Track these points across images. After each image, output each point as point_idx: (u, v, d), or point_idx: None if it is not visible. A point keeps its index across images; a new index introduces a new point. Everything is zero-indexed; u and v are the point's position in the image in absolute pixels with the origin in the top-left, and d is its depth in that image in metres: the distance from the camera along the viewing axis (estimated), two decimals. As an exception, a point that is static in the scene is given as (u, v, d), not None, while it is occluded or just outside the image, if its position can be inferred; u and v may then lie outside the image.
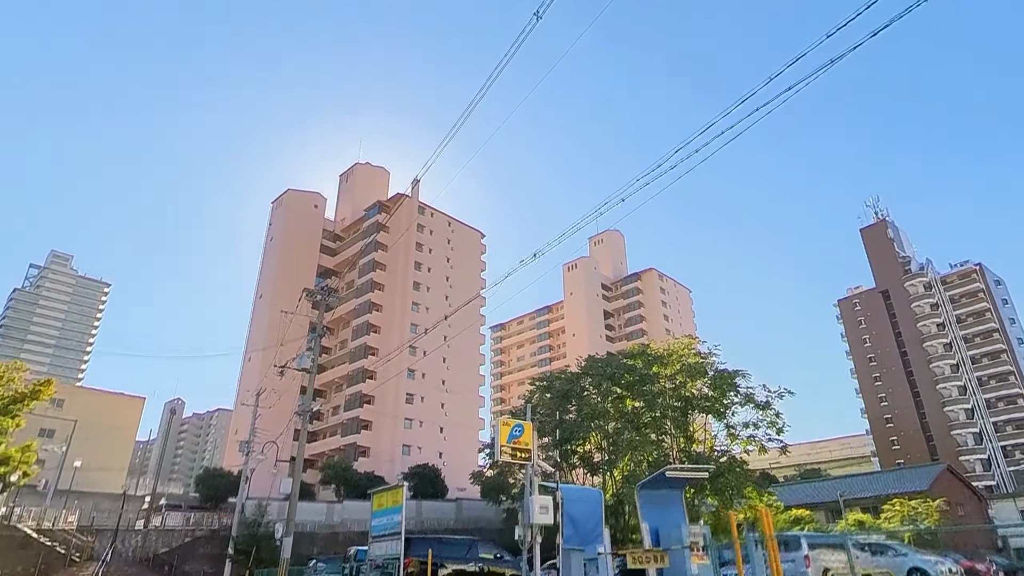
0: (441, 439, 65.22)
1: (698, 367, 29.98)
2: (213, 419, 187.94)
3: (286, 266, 72.48)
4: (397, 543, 16.74)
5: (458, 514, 42.68)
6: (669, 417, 28.77)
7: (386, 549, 17.18)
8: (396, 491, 17.59)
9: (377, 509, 18.40)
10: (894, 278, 79.89)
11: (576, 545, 12.65)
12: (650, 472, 29.12)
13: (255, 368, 66.63)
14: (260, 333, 69.55)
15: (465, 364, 71.31)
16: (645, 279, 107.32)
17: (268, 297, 71.11)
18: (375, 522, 18.55)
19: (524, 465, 13.55)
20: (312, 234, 76.23)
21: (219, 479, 46.59)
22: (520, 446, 12.99)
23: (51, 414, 60.67)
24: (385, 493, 18.25)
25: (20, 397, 25.20)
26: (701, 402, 29.03)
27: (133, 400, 75.37)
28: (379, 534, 17.82)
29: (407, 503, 41.74)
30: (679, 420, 29.00)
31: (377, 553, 17.65)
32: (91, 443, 61.48)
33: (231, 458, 61.57)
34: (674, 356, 31.09)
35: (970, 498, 42.56)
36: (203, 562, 34.46)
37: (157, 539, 35.89)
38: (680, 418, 29.00)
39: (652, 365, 31.24)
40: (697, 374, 29.66)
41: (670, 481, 14.10)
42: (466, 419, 69.01)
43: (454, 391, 68.54)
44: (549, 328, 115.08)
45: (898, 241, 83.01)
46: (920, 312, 77.07)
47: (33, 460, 27.08)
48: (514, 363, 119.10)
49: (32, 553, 30.06)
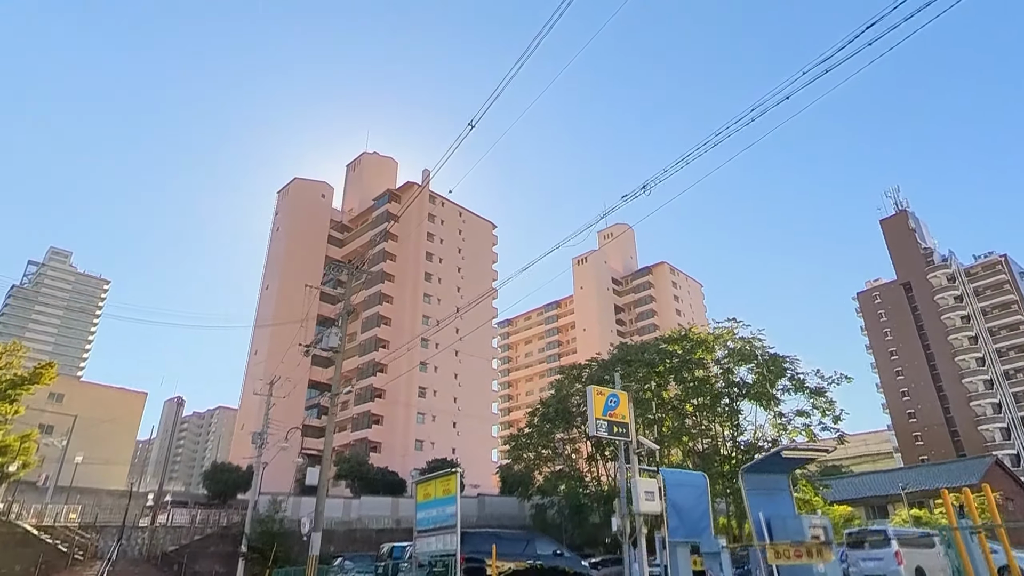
0: (454, 434, 63.14)
1: (746, 351, 27.98)
2: (214, 417, 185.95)
3: (293, 257, 70.45)
4: (451, 537, 14.68)
5: (480, 510, 40.62)
6: (719, 404, 26.74)
7: (437, 545, 15.10)
8: (448, 479, 15.47)
9: (423, 500, 16.29)
10: (916, 270, 77.89)
11: (682, 538, 10.66)
12: (699, 463, 27.15)
13: (262, 360, 64.57)
14: (266, 324, 67.49)
15: (477, 358, 69.20)
16: (657, 273, 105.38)
17: (275, 288, 69.11)
18: (421, 515, 16.45)
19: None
20: (320, 224, 74.16)
21: (227, 474, 44.51)
22: (616, 419, 10.98)
23: (51, 408, 58.61)
24: (433, 482, 16.11)
25: (20, 381, 23.08)
26: (752, 388, 26.96)
27: (135, 395, 73.35)
28: (427, 528, 15.74)
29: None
30: (727, 407, 26.95)
31: (426, 550, 15.59)
32: (92, 439, 59.40)
33: (237, 454, 59.43)
34: (718, 340, 29.08)
35: (1018, 492, 40.60)
36: (214, 561, 32.38)
37: (164, 537, 33.82)
38: (729, 405, 26.94)
39: (695, 350, 29.23)
40: (746, 359, 27.62)
41: (780, 463, 12.06)
42: (479, 414, 66.95)
43: (467, 385, 66.50)
44: (558, 324, 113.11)
45: (919, 232, 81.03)
46: (944, 305, 75.08)
47: (34, 450, 24.98)
48: (522, 359, 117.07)
49: (32, 551, 28.01)
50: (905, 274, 79.00)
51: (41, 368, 24.21)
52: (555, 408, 33.04)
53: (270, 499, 34.89)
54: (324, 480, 20.37)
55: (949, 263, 76.77)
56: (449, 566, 14.16)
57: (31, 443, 24.72)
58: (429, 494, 16.21)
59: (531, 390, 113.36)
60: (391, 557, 19.77)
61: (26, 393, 23.71)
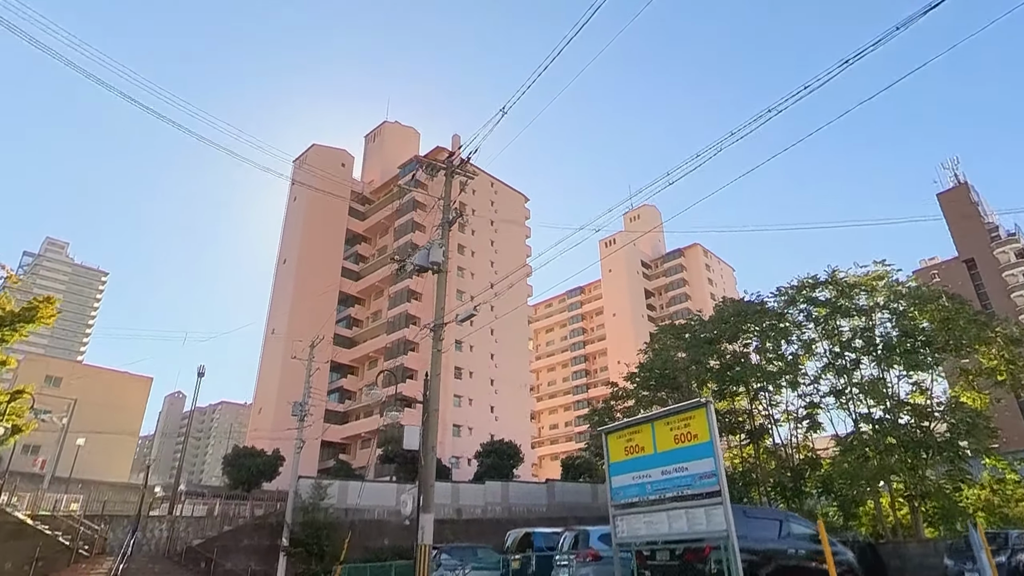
0: (492, 419, 57.44)
1: (928, 292, 22.50)
2: (216, 413, 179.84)
3: (312, 229, 64.80)
4: (709, 513, 9.04)
5: (550, 499, 34.99)
6: (897, 355, 21.12)
7: (673, 524, 9.47)
8: (689, 415, 9.69)
9: (625, 458, 10.64)
10: (981, 246, 72.37)
11: None
12: (877, 429, 21.57)
13: (279, 340, 58.85)
14: (284, 302, 61.82)
15: (513, 338, 63.54)
16: (689, 255, 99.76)
17: (293, 262, 63.41)
18: (616, 482, 10.85)
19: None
20: (340, 194, 68.38)
21: (251, 459, 38.74)
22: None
23: (47, 392, 52.67)
24: (646, 427, 10.39)
25: (9, 319, 17.33)
26: (936, 337, 21.34)
27: (139, 380, 67.47)
28: (640, 499, 10.16)
29: (490, 485, 33.81)
30: (905, 360, 21.33)
31: (643, 533, 9.95)
32: (94, 425, 53.54)
33: (253, 440, 53.69)
34: (883, 281, 23.49)
35: None
36: (248, 556, 26.70)
37: (186, 529, 28.12)
38: (906, 358, 21.31)
39: (849, 293, 23.66)
40: (927, 300, 22.05)
41: None
42: (516, 397, 61.34)
43: (503, 366, 60.85)
44: (582, 310, 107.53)
45: (981, 206, 75.60)
46: (1013, 282, 69.60)
47: (26, 410, 19.20)
48: (543, 348, 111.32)
49: (27, 544, 22.32)
50: (968, 250, 73.43)
51: (39, 302, 18.45)
52: (660, 371, 27.42)
53: (313, 483, 29.26)
54: (430, 442, 14.62)
55: (1018, 237, 71.38)
56: (729, 562, 8.48)
57: (25, 396, 18.89)
58: (639, 446, 10.52)
59: (553, 380, 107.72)
60: (530, 548, 14.16)
61: (19, 336, 18.00)
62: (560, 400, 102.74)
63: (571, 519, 31.02)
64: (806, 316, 25.07)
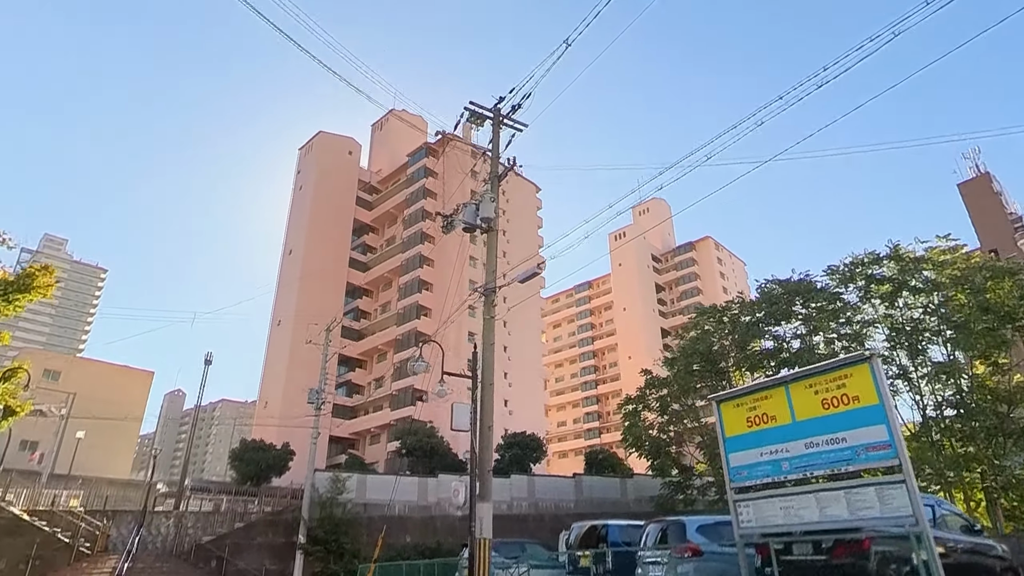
0: (506, 412, 55.41)
1: (1007, 266, 20.68)
2: (216, 411, 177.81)
3: (319, 217, 62.86)
4: (890, 494, 7.21)
5: (578, 493, 33.11)
6: (976, 333, 19.26)
7: (831, 509, 7.62)
8: (844, 372, 7.84)
9: (747, 431, 8.77)
10: (1005, 236, 70.19)
11: None
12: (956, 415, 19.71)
13: (285, 331, 57.00)
14: (290, 293, 59.92)
15: (526, 330, 61.67)
16: (700, 249, 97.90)
17: (299, 252, 61.50)
18: (736, 460, 9.00)
19: None
20: (347, 183, 66.56)
21: (259, 453, 36.86)
22: None
23: (44, 386, 50.70)
24: (778, 390, 8.51)
25: (1, 287, 15.31)
26: (1018, 311, 19.48)
27: (140, 374, 65.45)
28: (772, 479, 8.32)
29: (515, 479, 31.77)
30: (986, 338, 19.47)
31: (777, 520, 8.10)
32: (93, 421, 51.60)
33: (259, 432, 51.79)
34: (955, 255, 21.65)
35: None
36: (262, 554, 24.81)
37: (194, 525, 26.22)
38: (987, 334, 19.44)
39: (915, 268, 21.80)
40: (1007, 273, 20.21)
41: None
42: (530, 390, 59.51)
43: (516, 359, 58.95)
44: (590, 305, 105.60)
45: (1003, 196, 73.80)
46: (1038, 272, 67.93)
47: (19, 390, 17.25)
48: (551, 344, 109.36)
49: (23, 541, 20.46)
50: (991, 241, 71.19)
51: (36, 269, 16.46)
52: (702, 355, 25.55)
53: (331, 476, 27.35)
54: (485, 421, 12.74)
55: (1042, 227, 69.60)
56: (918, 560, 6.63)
57: (20, 373, 16.94)
58: (768, 415, 8.65)
59: (561, 376, 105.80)
60: (604, 542, 12.28)
61: (15, 309, 16.04)
62: (568, 397, 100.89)
63: (601, 515, 29.21)
64: (862, 295, 23.23)
